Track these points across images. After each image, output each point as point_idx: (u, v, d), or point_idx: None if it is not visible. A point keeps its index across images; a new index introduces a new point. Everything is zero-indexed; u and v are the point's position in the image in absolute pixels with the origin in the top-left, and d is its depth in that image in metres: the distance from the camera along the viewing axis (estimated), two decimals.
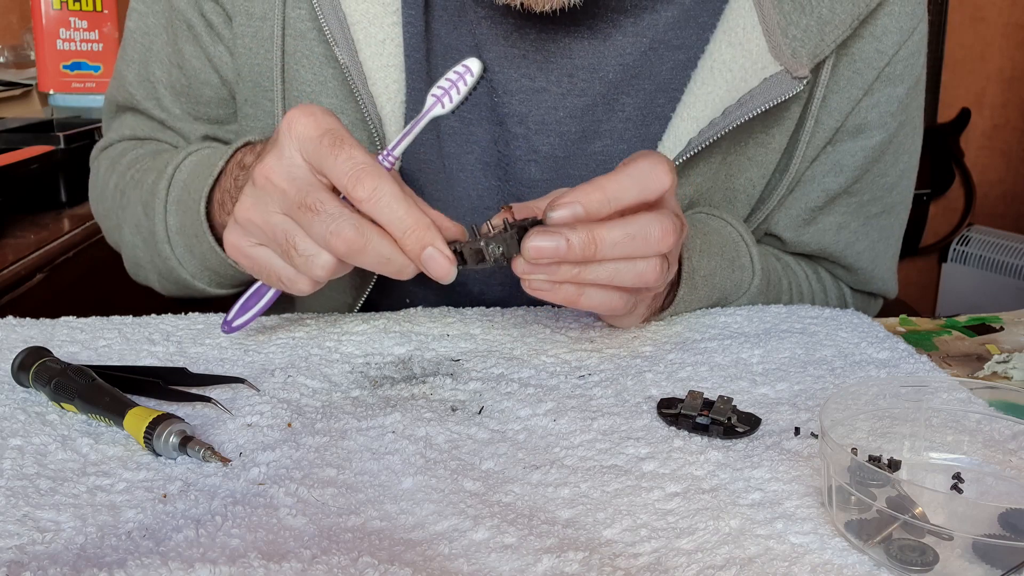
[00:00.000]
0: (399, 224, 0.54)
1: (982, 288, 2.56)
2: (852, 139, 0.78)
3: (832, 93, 0.75)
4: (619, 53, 0.73)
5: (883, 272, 0.86)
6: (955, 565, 0.39)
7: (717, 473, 0.47)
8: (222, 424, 0.52)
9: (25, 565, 0.38)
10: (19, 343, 0.62)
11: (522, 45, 0.73)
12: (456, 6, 0.73)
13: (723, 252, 0.72)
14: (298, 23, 0.74)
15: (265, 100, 0.77)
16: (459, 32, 0.73)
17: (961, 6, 2.59)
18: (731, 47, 0.71)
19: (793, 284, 0.81)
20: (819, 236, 0.82)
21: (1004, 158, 2.70)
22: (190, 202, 0.72)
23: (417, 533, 0.42)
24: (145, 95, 0.83)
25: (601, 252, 0.55)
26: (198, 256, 0.73)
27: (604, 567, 0.39)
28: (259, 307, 0.64)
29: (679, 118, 0.73)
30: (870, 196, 0.82)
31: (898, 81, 0.76)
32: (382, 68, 0.71)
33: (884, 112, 0.77)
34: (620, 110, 0.74)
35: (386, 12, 0.72)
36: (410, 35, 0.72)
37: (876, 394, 0.48)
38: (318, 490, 0.45)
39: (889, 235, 0.86)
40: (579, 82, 0.73)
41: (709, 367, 0.61)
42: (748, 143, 0.75)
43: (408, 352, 0.63)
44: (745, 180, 0.77)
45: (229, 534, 0.41)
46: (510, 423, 0.53)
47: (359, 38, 0.71)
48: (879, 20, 0.74)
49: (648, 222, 0.56)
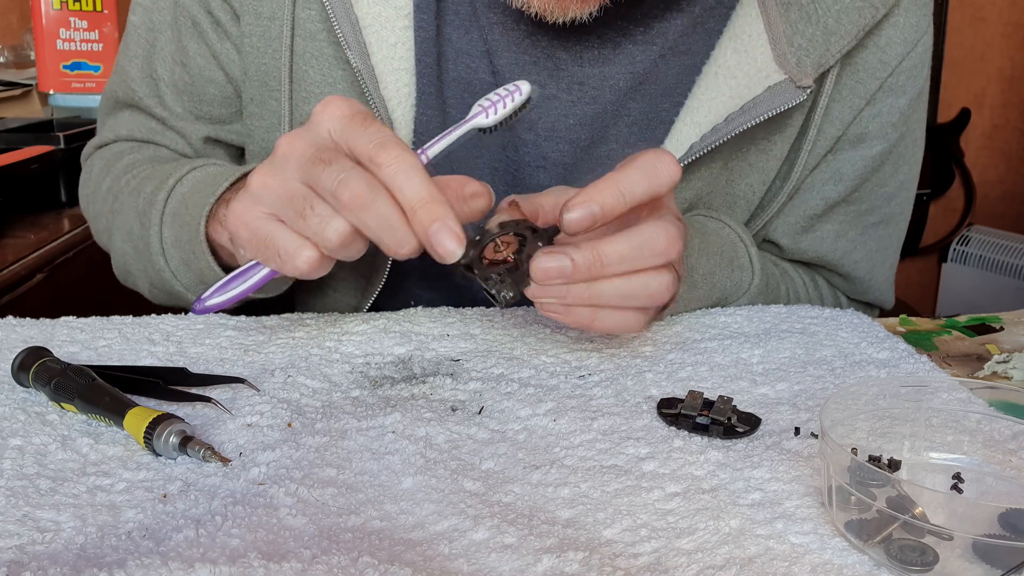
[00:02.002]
0: (414, 194, 0.52)
1: (982, 288, 2.56)
2: (853, 148, 0.78)
3: (834, 102, 0.75)
4: (629, 61, 0.73)
5: (880, 282, 0.86)
6: (955, 565, 0.39)
7: (717, 473, 0.47)
8: (222, 424, 0.52)
9: (25, 565, 0.38)
10: (19, 343, 0.62)
11: (533, 52, 0.73)
12: (468, 11, 0.73)
13: (722, 252, 0.72)
14: (308, 24, 0.73)
15: (271, 100, 0.77)
16: (470, 37, 0.74)
17: (961, 6, 2.59)
18: (736, 54, 0.71)
19: (791, 290, 0.81)
20: (817, 244, 0.81)
21: (1004, 158, 2.70)
22: (187, 217, 0.71)
23: (417, 533, 0.42)
24: (148, 91, 0.83)
25: (608, 267, 0.55)
26: (194, 271, 0.72)
27: (604, 567, 0.39)
28: (241, 288, 0.60)
29: (682, 122, 0.73)
30: (869, 205, 0.82)
31: (900, 92, 0.76)
32: (393, 72, 0.71)
33: (885, 122, 0.77)
34: (627, 115, 0.74)
35: (398, 16, 0.72)
36: (421, 39, 0.72)
37: (876, 394, 0.48)
38: (318, 490, 0.45)
39: (887, 245, 0.85)
40: (589, 90, 0.74)
41: (709, 367, 0.61)
42: (750, 149, 0.75)
43: (408, 352, 0.63)
44: (745, 186, 0.77)
45: (229, 534, 0.41)
46: (510, 423, 0.53)
47: (371, 41, 0.71)
48: (884, 31, 0.74)
49: (653, 231, 0.56)
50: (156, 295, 0.79)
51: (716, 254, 0.72)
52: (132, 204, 0.77)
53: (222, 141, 0.84)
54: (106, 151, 0.86)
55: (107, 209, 0.81)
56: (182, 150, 0.84)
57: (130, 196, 0.78)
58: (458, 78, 0.74)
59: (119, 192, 0.80)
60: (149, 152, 0.84)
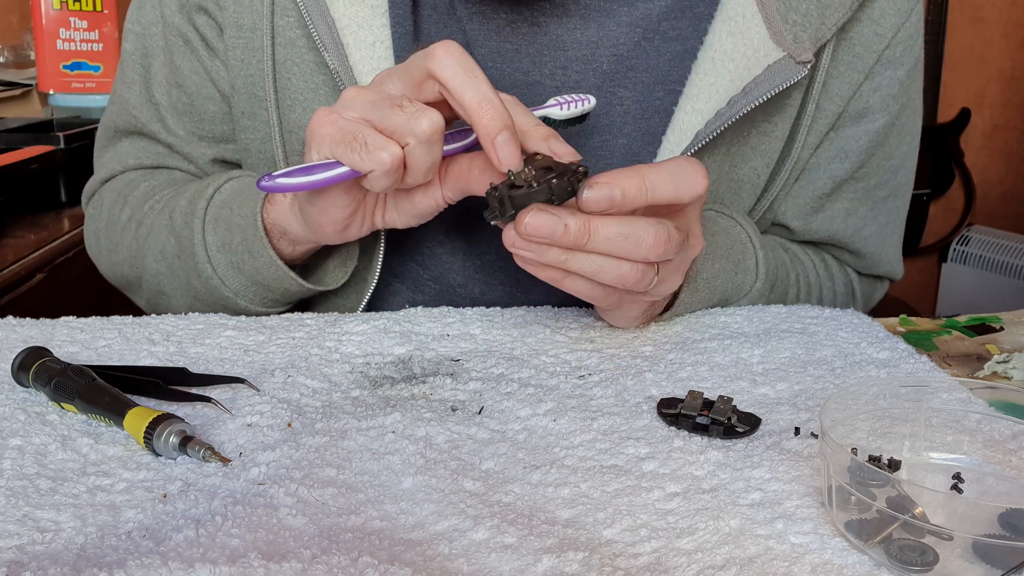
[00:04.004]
0: (488, 97, 0.55)
1: (982, 288, 2.56)
2: (855, 124, 0.78)
3: (832, 79, 0.75)
4: (613, 43, 0.73)
5: (890, 255, 0.87)
6: (955, 565, 0.39)
7: (717, 473, 0.47)
8: (222, 424, 0.52)
9: (25, 565, 0.39)
10: (19, 343, 0.61)
11: (514, 40, 0.73)
12: (444, 4, 0.73)
13: (729, 255, 0.72)
14: (287, 31, 0.73)
15: (261, 110, 0.77)
16: (448, 30, 0.73)
17: (961, 6, 2.59)
18: (731, 36, 0.71)
19: (801, 275, 0.81)
20: (828, 223, 0.82)
21: (1004, 158, 2.70)
22: (235, 218, 0.71)
23: (417, 533, 0.42)
24: (150, 117, 0.82)
25: (592, 244, 0.55)
26: (247, 272, 0.71)
27: (604, 567, 0.39)
28: (311, 179, 0.58)
29: (682, 111, 0.72)
30: (877, 180, 0.82)
31: (898, 63, 0.77)
32: (373, 72, 0.71)
33: (886, 95, 0.77)
34: (618, 104, 0.74)
35: (375, 14, 0.71)
36: (399, 35, 0.72)
37: (876, 394, 0.48)
38: (318, 490, 0.45)
39: (895, 217, 0.86)
40: (573, 74, 0.73)
41: (709, 367, 0.61)
42: (751, 133, 0.75)
43: (408, 352, 0.63)
44: (749, 170, 0.76)
45: (229, 534, 0.41)
46: (510, 423, 0.53)
47: (348, 42, 0.71)
48: (876, 3, 0.74)
49: (644, 226, 0.56)
50: (198, 308, 0.76)
51: (723, 257, 0.71)
52: (163, 224, 0.76)
53: (228, 161, 0.83)
54: (115, 183, 0.85)
55: (130, 237, 0.80)
56: (194, 174, 0.83)
57: (159, 216, 0.77)
58: None
59: (143, 218, 0.79)
60: (164, 176, 0.83)
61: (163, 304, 0.80)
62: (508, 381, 0.58)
